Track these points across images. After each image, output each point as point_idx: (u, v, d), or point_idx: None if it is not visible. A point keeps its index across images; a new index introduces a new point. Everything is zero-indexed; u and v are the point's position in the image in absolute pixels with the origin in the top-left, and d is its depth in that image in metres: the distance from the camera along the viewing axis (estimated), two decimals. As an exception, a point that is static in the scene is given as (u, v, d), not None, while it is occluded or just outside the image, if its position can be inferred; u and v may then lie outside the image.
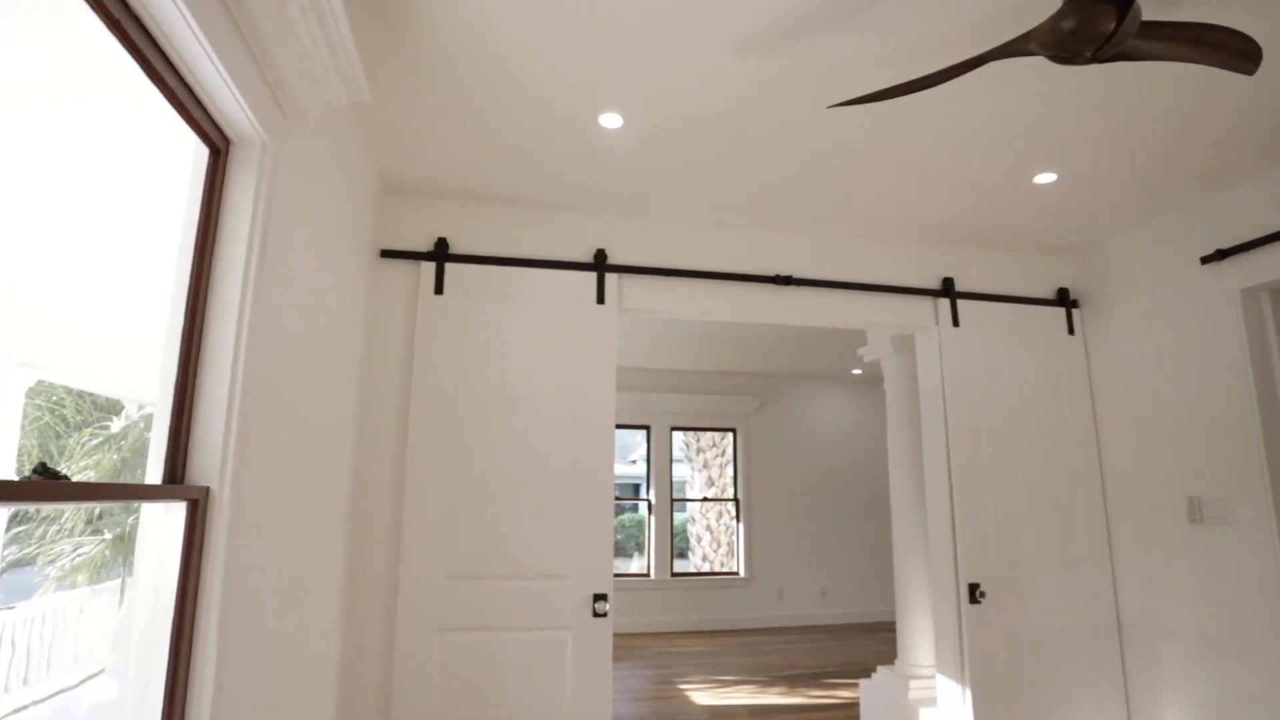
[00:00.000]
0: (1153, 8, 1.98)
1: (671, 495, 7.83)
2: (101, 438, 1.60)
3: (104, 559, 1.64)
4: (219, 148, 1.59)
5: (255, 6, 1.47)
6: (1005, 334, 3.80)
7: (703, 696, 5.10)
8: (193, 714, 1.46)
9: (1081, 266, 3.98)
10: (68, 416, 1.51)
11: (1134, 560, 3.59)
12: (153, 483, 1.41)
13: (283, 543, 1.94)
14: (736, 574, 7.87)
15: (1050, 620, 3.54)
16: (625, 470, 9.62)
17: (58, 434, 1.50)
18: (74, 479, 1.15)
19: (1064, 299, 3.93)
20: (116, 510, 1.68)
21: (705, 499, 8.20)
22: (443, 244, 3.22)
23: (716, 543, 8.22)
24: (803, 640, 7.10)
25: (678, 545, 8.19)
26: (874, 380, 8.51)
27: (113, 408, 1.65)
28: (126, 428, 1.65)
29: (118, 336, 1.65)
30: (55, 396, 1.49)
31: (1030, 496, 3.65)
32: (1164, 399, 3.47)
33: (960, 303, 3.77)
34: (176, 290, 1.51)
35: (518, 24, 2.06)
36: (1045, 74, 2.32)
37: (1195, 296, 3.34)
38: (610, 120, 2.59)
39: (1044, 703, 3.46)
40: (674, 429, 8.01)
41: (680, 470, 8.25)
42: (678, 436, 8.25)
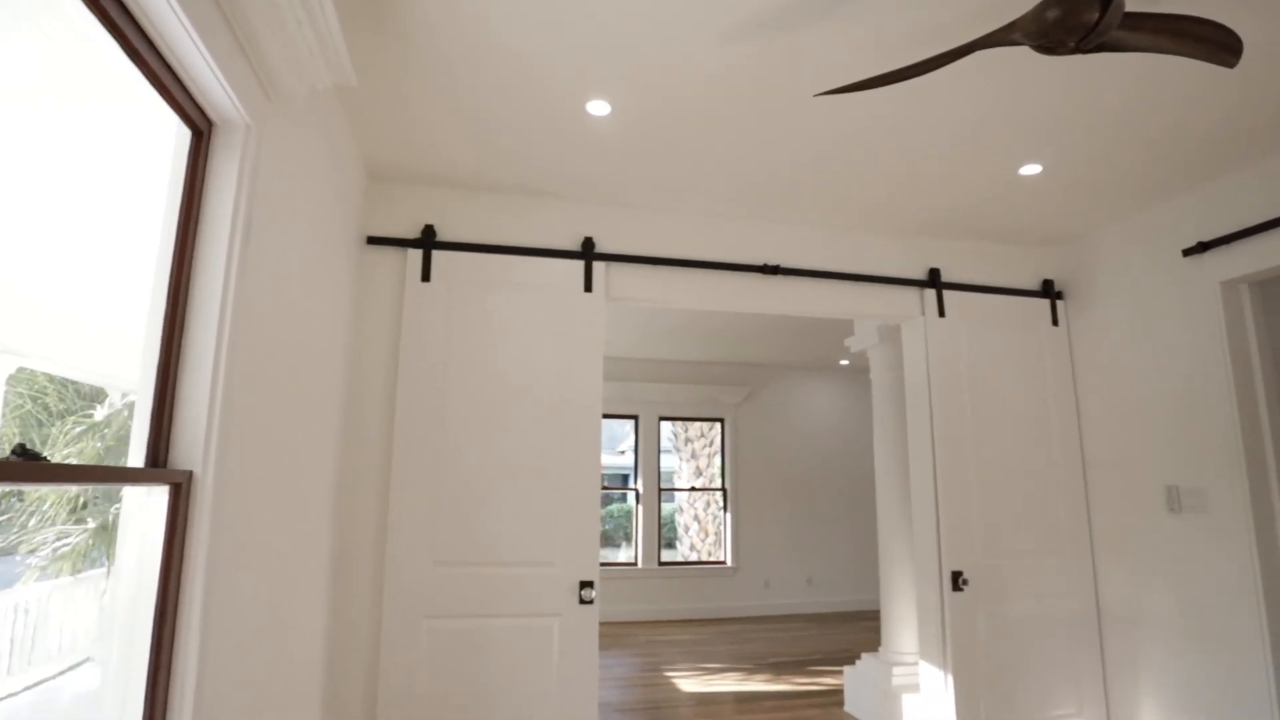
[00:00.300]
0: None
1: (659, 485, 7.85)
2: (85, 425, 1.59)
3: (87, 548, 1.63)
4: (201, 129, 1.57)
5: (238, -13, 1.46)
6: (990, 325, 3.83)
7: (689, 684, 5.14)
8: (175, 702, 1.45)
9: (1066, 258, 4.02)
10: (50, 405, 1.50)
11: (1114, 548, 3.65)
12: (135, 466, 1.40)
13: (268, 529, 1.93)
14: (723, 563, 7.92)
15: (1031, 607, 3.59)
16: (614, 461, 9.64)
17: (40, 422, 1.49)
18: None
19: (1049, 290, 3.97)
20: (99, 499, 1.67)
21: (693, 489, 8.23)
22: (430, 231, 3.21)
23: (704, 532, 8.26)
24: (789, 628, 7.16)
25: (665, 535, 8.22)
26: (861, 371, 8.56)
27: (96, 396, 1.64)
28: (110, 416, 1.64)
29: (100, 323, 1.63)
30: (37, 384, 1.48)
31: (1013, 486, 3.69)
32: (1145, 390, 3.51)
33: (946, 293, 3.79)
34: (159, 273, 1.50)
35: (505, 10, 2.05)
36: (1031, 66, 2.33)
37: (1177, 288, 3.37)
38: (598, 107, 2.59)
39: (1024, 688, 3.51)
40: (662, 419, 8.03)
41: (668, 461, 8.27)
42: (665, 426, 8.27)
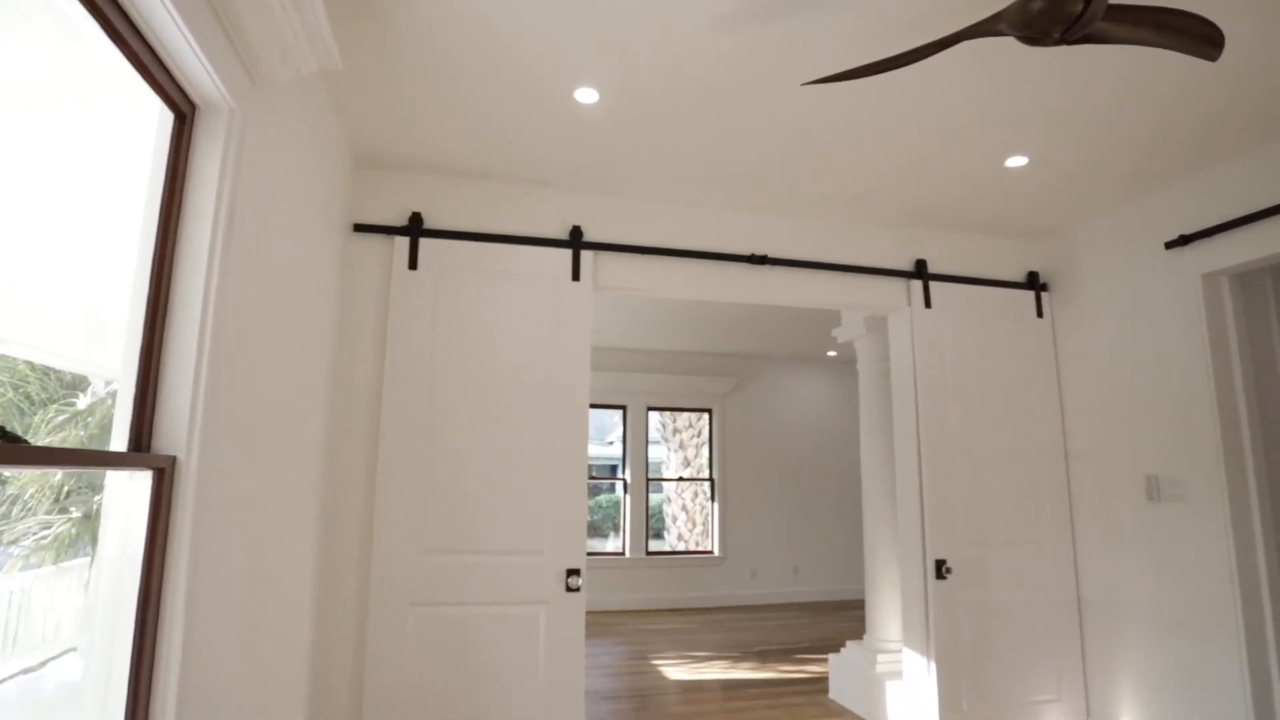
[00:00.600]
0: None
1: (647, 475, 7.88)
2: (67, 414, 1.57)
3: (70, 537, 1.62)
4: (184, 112, 1.56)
5: (221, -32, 1.44)
6: (976, 316, 3.86)
7: (676, 672, 5.18)
8: (159, 690, 1.44)
9: (1051, 250, 4.05)
10: (31, 393, 1.48)
11: (1095, 537, 3.70)
12: (118, 449, 1.39)
13: (253, 515, 1.93)
14: (711, 553, 7.96)
15: (1013, 595, 3.64)
16: (603, 451, 9.65)
17: (21, 410, 1.47)
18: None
19: (1034, 282, 4.00)
20: (83, 489, 1.66)
21: (681, 479, 8.26)
22: (417, 219, 3.19)
23: (692, 522, 8.29)
24: (775, 617, 7.21)
25: (653, 526, 8.25)
26: (848, 363, 8.61)
27: (79, 384, 1.62)
28: (93, 404, 1.63)
29: (83, 310, 1.62)
30: (18, 372, 1.46)
31: (997, 476, 3.73)
32: (1127, 381, 3.55)
33: (933, 284, 3.81)
34: (141, 258, 1.49)
35: (492, -6, 2.04)
36: (1017, 58, 2.34)
37: (1159, 281, 3.41)
38: (586, 95, 2.58)
39: (1005, 674, 3.56)
40: (650, 409, 8.04)
41: (656, 452, 8.29)
42: (654, 417, 8.28)
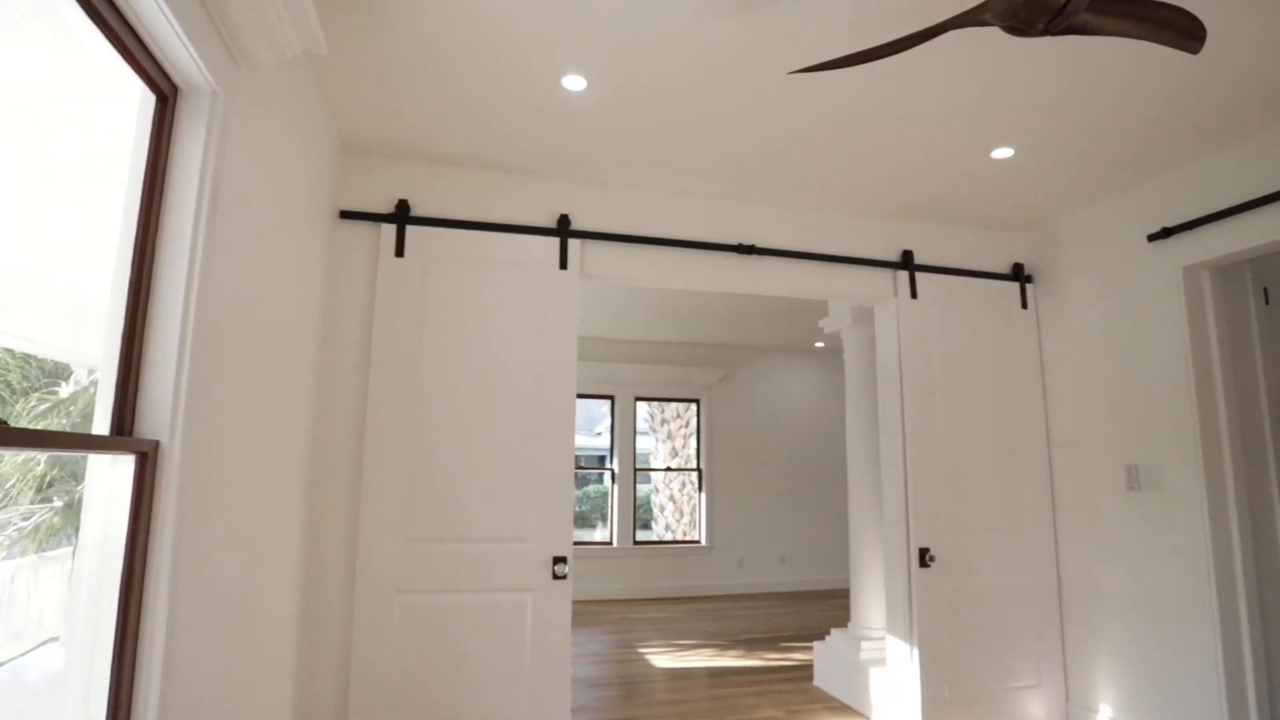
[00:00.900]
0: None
1: (635, 465, 7.90)
2: (49, 403, 1.56)
3: (53, 527, 1.61)
4: (166, 94, 1.54)
5: (203, -53, 1.43)
6: (961, 307, 3.89)
7: (662, 660, 5.22)
8: (142, 679, 1.43)
9: (1036, 242, 4.08)
10: (12, 382, 1.47)
11: (1075, 526, 3.75)
12: (100, 433, 1.39)
13: (238, 501, 1.92)
14: (698, 542, 8.01)
15: (995, 583, 3.69)
16: (591, 442, 9.66)
17: (2, 399, 1.46)
18: (20, 451, 1.13)
19: (1019, 274, 4.03)
20: (66, 478, 1.65)
21: (668, 468, 8.29)
22: (404, 206, 3.18)
23: (679, 512, 8.33)
24: (762, 606, 7.27)
25: (641, 517, 8.28)
26: (835, 354, 8.65)
27: (61, 372, 1.61)
28: (76, 393, 1.62)
29: (64, 296, 1.60)
30: (-2, 359, 1.45)
31: (981, 465, 3.78)
32: (1108, 371, 3.60)
33: (919, 275, 3.84)
34: (123, 239, 1.47)
35: (479, -22, 2.03)
36: (1004, 49, 2.36)
37: (1141, 273, 3.45)
38: (574, 82, 2.57)
39: (987, 660, 3.61)
40: (638, 399, 8.06)
41: (644, 443, 8.31)
42: (642, 408, 8.30)
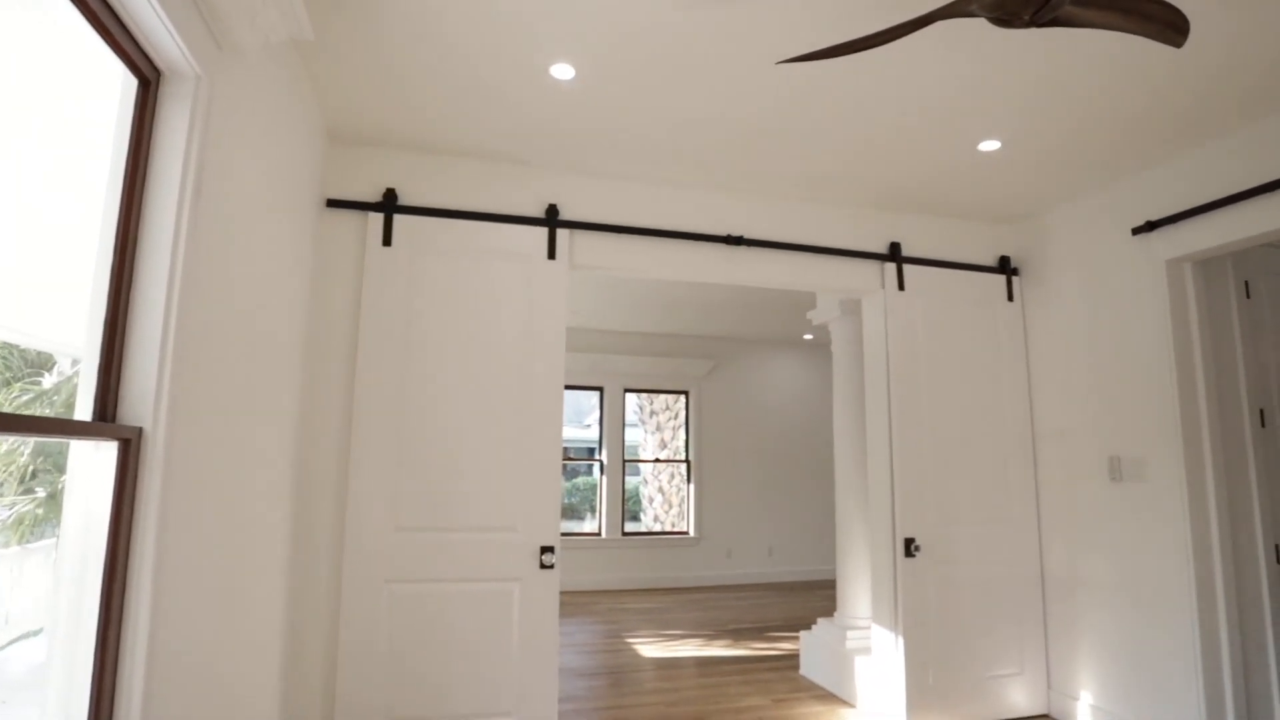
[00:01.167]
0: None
1: (624, 455, 7.91)
2: (32, 394, 1.55)
3: (36, 518, 1.60)
4: (149, 78, 1.53)
5: (185, -71, 1.41)
6: (948, 299, 3.92)
7: (650, 649, 5.24)
8: (125, 669, 1.42)
9: (1022, 235, 4.11)
10: (-6, 371, 1.46)
11: (1059, 516, 3.79)
12: (81, 419, 1.38)
13: (223, 490, 1.92)
14: (686, 533, 8.04)
15: (980, 572, 3.73)
16: (580, 434, 9.66)
17: (-17, 389, 1.45)
18: (2, 441, 1.12)
19: (1005, 266, 4.06)
20: (49, 469, 1.64)
21: (658, 460, 8.31)
22: (391, 195, 3.16)
23: (668, 504, 8.35)
24: (749, 597, 7.31)
25: (630, 509, 8.30)
26: (823, 346, 8.68)
27: (44, 363, 1.60)
28: (60, 384, 1.60)
29: (47, 285, 1.59)
30: (-20, 350, 1.43)
31: (966, 457, 3.81)
32: (1092, 364, 3.63)
33: (906, 267, 3.86)
34: (105, 223, 1.46)
35: (466, -36, 2.01)
36: (991, 42, 2.36)
37: (1125, 266, 3.48)
38: (562, 71, 2.56)
39: (970, 648, 3.66)
40: (627, 390, 8.07)
41: (634, 434, 8.33)
42: (631, 400, 8.31)
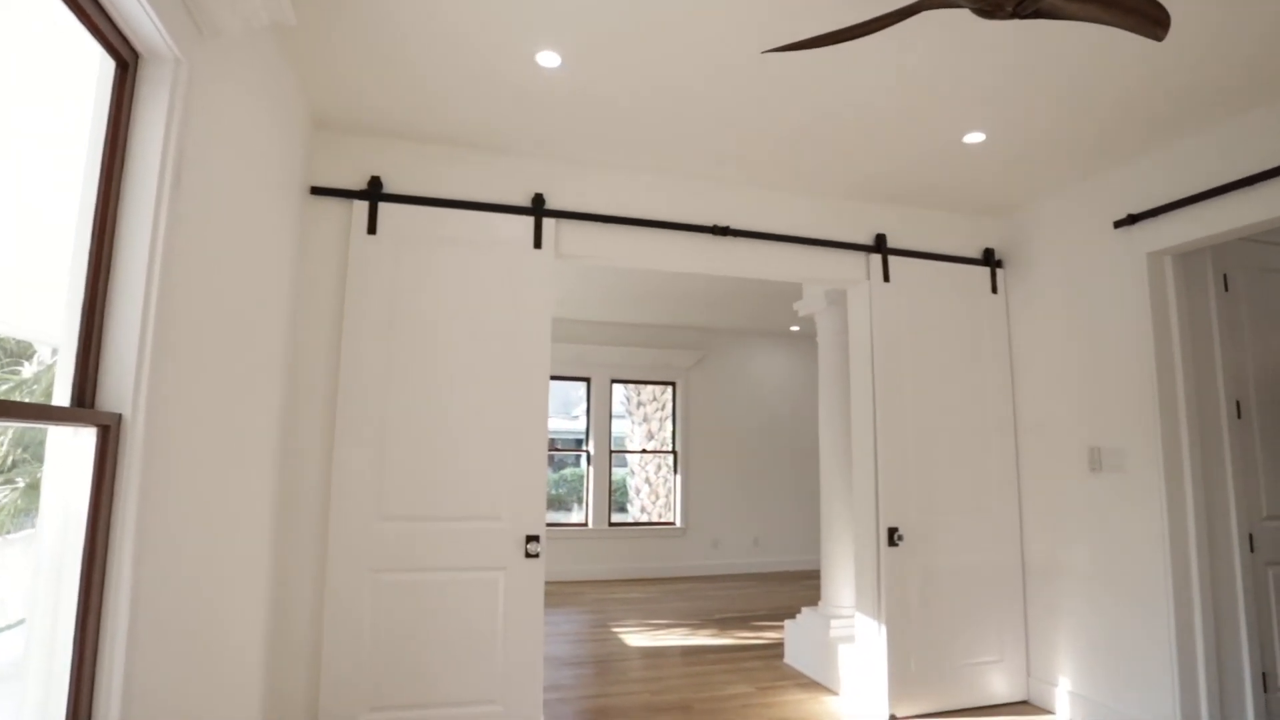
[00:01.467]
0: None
1: (610, 447, 7.93)
2: (11, 383, 1.53)
3: (16, 509, 1.59)
4: (126, 61, 1.50)
5: (163, -91, 1.39)
6: (933, 291, 3.94)
7: (636, 638, 5.27)
8: (105, 662, 1.41)
9: (1006, 227, 4.14)
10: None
11: (1039, 506, 3.84)
12: (59, 404, 1.36)
13: (205, 478, 1.90)
14: (673, 524, 8.07)
15: (961, 562, 3.77)
16: (568, 425, 9.65)
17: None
18: None
19: (989, 259, 4.09)
20: (29, 460, 1.62)
21: (644, 451, 8.33)
22: (376, 183, 3.14)
23: (655, 495, 8.38)
24: (735, 587, 7.36)
25: (617, 500, 8.32)
26: (810, 338, 8.71)
27: (23, 352, 1.58)
28: (40, 373, 1.59)
29: (25, 272, 1.57)
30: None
31: (949, 447, 3.84)
32: (1073, 355, 3.67)
33: (892, 259, 3.88)
34: (83, 209, 1.44)
35: (451, -51, 2.00)
36: (975, 34, 2.37)
37: (1107, 259, 3.52)
38: (548, 59, 2.55)
39: (951, 636, 3.70)
40: (614, 381, 8.07)
41: (621, 426, 8.34)
42: (619, 391, 8.31)
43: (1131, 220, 3.32)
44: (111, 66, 1.50)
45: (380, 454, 3.00)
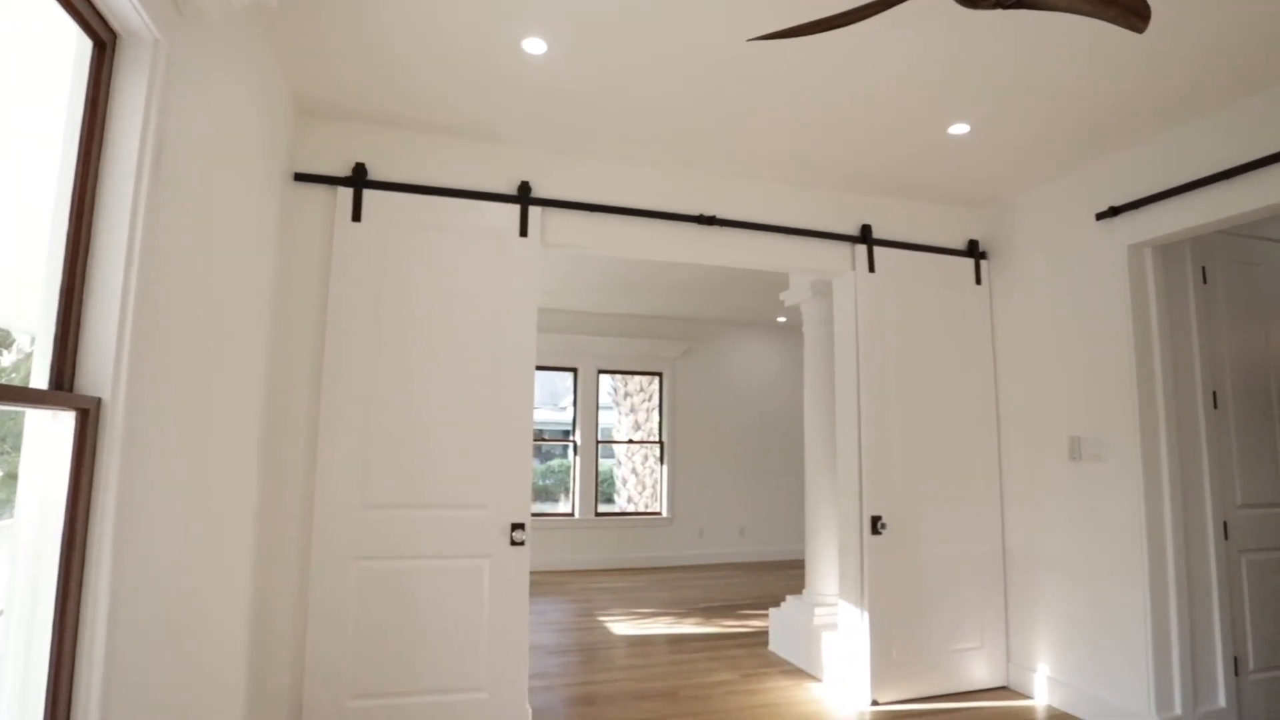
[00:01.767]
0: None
1: (597, 437, 7.93)
2: (-11, 371, 1.51)
3: (-5, 498, 1.57)
4: (104, 41, 1.48)
5: (141, -115, 1.37)
6: (918, 282, 3.97)
7: (622, 627, 5.29)
8: (84, 651, 1.40)
9: (990, 219, 4.17)
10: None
11: (1021, 495, 3.89)
12: (38, 387, 1.35)
13: (187, 464, 1.89)
14: (659, 514, 8.10)
15: (943, 550, 3.82)
16: (556, 417, 9.65)
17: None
18: None
19: (974, 250, 4.12)
20: (8, 450, 1.60)
21: (631, 441, 8.34)
22: (360, 169, 3.11)
23: (641, 485, 8.40)
24: (721, 576, 7.40)
25: (604, 491, 8.34)
26: (796, 329, 8.75)
27: (2, 340, 1.56)
28: (19, 361, 1.57)
29: (3, 258, 1.54)
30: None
31: (933, 436, 3.88)
32: (1055, 347, 3.71)
33: (877, 250, 3.90)
34: (61, 190, 1.42)
35: (435, -68, 1.98)
36: (959, 24, 2.38)
37: (1089, 251, 3.55)
38: (534, 45, 2.53)
39: (933, 623, 3.75)
40: (601, 371, 8.07)
41: (608, 417, 8.34)
42: (606, 382, 8.31)
43: (1113, 212, 3.36)
44: (89, 46, 1.48)
45: (365, 441, 2.99)
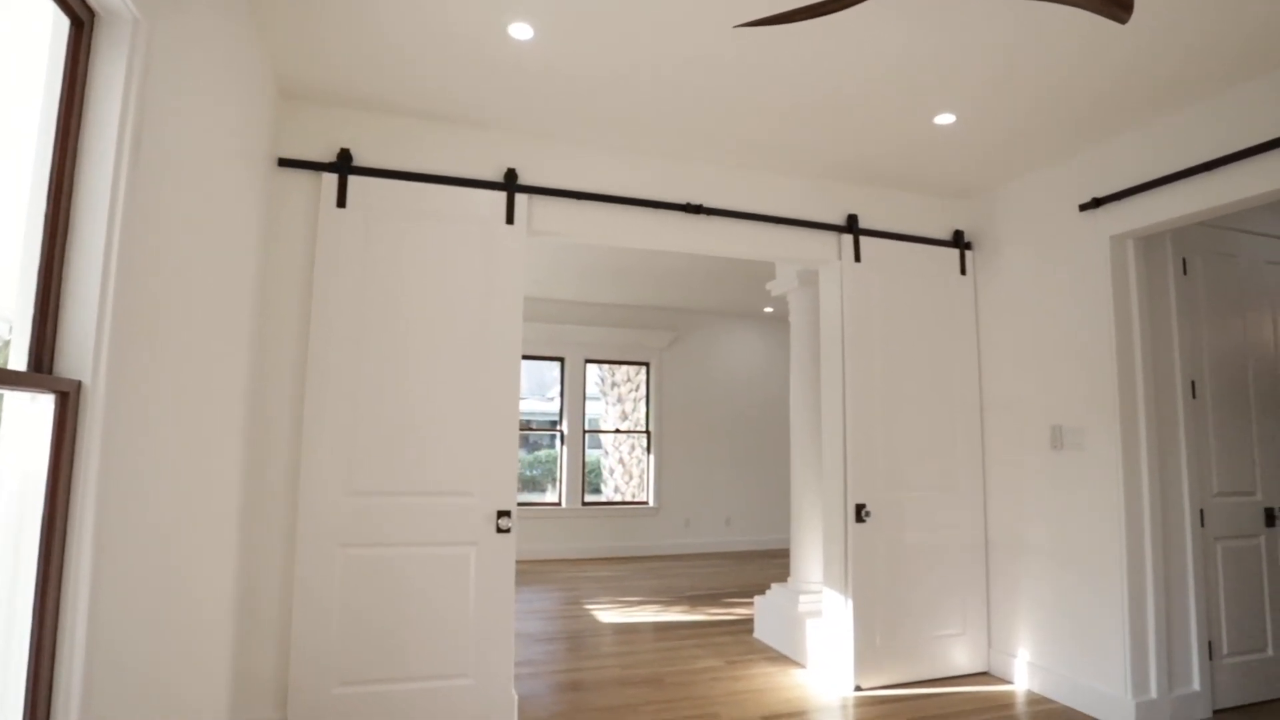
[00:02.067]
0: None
1: (584, 426, 7.94)
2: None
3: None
4: (82, 19, 1.46)
5: None
6: (903, 272, 3.99)
7: (608, 615, 5.32)
8: (66, 633, 1.38)
9: (975, 210, 4.20)
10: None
11: (1003, 483, 3.93)
12: (16, 369, 1.33)
13: (169, 448, 1.88)
14: (646, 503, 8.13)
15: (926, 537, 3.86)
16: (543, 407, 9.66)
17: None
18: None
19: (959, 240, 4.15)
20: None
21: (618, 431, 8.36)
22: (345, 155, 3.09)
23: (628, 475, 8.42)
24: (706, 565, 7.45)
25: (591, 481, 8.35)
26: (782, 320, 8.78)
27: None
28: None
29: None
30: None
31: (917, 425, 3.92)
32: (1038, 336, 3.75)
33: (863, 239, 3.92)
34: (39, 170, 1.41)
35: (420, -86, 1.96)
36: (947, 14, 2.39)
37: (1072, 242, 3.59)
38: (520, 30, 2.52)
39: (916, 610, 3.79)
40: (588, 361, 8.07)
41: (595, 408, 8.35)
42: (593, 372, 8.32)
43: (1096, 204, 3.39)
44: (66, 24, 1.46)
45: (350, 429, 2.98)
